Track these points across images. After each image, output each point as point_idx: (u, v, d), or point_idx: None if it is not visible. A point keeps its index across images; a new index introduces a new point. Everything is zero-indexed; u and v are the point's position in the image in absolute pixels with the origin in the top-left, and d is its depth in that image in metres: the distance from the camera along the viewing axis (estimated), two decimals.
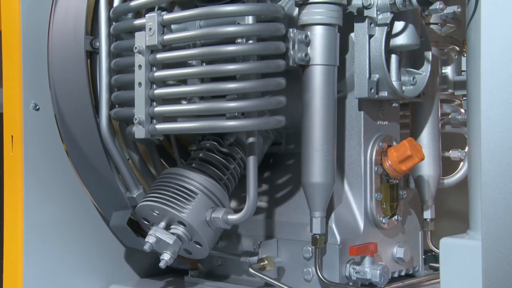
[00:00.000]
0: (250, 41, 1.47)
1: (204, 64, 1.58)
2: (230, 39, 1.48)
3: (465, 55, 1.95)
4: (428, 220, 1.92)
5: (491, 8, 1.22)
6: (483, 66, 1.23)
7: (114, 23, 1.69)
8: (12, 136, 1.69)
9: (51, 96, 1.73)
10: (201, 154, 1.72)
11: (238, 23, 1.57)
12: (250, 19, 1.46)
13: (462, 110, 2.06)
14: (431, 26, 1.91)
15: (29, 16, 1.70)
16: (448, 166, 2.05)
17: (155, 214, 1.62)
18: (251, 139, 1.52)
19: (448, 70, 2.03)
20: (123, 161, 1.71)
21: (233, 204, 1.85)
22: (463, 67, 2.03)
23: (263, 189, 1.84)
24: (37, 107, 1.71)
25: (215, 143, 1.72)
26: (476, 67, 1.30)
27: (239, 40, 1.49)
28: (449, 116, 2.07)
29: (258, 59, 1.49)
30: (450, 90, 2.04)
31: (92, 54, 1.73)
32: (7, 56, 1.71)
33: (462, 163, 2.06)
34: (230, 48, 1.44)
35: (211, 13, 1.47)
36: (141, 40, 1.55)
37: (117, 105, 1.70)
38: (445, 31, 1.99)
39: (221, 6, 1.45)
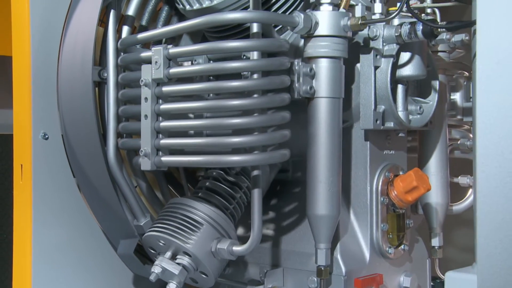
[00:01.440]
0: (255, 76, 1.47)
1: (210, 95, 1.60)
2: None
3: None
4: (436, 247, 1.92)
5: (487, 37, 1.19)
6: (477, 101, 1.21)
7: (122, 53, 1.71)
8: (21, 164, 1.72)
9: (60, 125, 1.75)
10: (207, 183, 1.73)
11: (244, 56, 1.59)
12: (255, 54, 1.47)
13: (471, 136, 2.06)
14: (439, 53, 1.91)
15: (39, 46, 1.72)
16: (457, 192, 2.05)
17: (161, 244, 1.63)
18: (255, 172, 1.53)
19: (456, 97, 2.02)
20: (130, 189, 1.73)
21: (240, 231, 1.86)
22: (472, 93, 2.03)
23: (270, 217, 1.85)
24: (46, 136, 1.73)
25: (222, 172, 1.73)
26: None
27: (244, 72, 1.50)
28: (458, 142, 2.06)
29: (263, 92, 1.50)
30: (459, 117, 2.03)
31: (100, 84, 1.75)
32: (17, 85, 1.74)
33: (471, 189, 2.05)
34: (235, 83, 1.45)
35: (217, 49, 1.49)
36: (147, 73, 1.56)
37: (124, 135, 1.72)
38: (454, 57, 1.98)
39: (226, 41, 1.46)
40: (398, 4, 1.56)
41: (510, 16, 1.11)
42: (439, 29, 1.55)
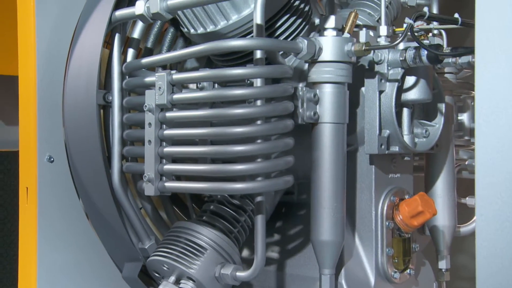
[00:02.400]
0: (258, 102, 1.47)
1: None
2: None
3: None
4: (443, 270, 1.90)
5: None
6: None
7: (127, 77, 1.71)
8: (27, 187, 1.72)
9: (65, 148, 1.75)
10: (212, 207, 1.73)
11: (248, 81, 1.58)
12: (258, 81, 1.47)
13: None
14: (446, 75, 1.89)
15: (45, 68, 1.73)
16: (465, 213, 2.03)
17: (165, 268, 1.63)
18: (259, 198, 1.52)
19: (464, 117, 2.01)
20: (135, 212, 1.73)
21: (246, 253, 1.86)
22: None
23: (275, 239, 1.84)
24: (52, 159, 1.74)
25: (226, 195, 1.73)
26: None
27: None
28: (466, 163, 2.05)
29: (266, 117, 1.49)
30: (466, 137, 2.02)
31: (105, 107, 1.76)
32: (23, 108, 1.74)
33: None
34: (238, 110, 1.45)
35: (220, 76, 1.48)
36: (151, 98, 1.57)
37: (129, 158, 1.72)
38: (461, 76, 1.97)
39: (230, 69, 1.46)
40: (405, 26, 1.55)
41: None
42: (444, 52, 1.53)
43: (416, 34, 1.80)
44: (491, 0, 1.10)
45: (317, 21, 1.77)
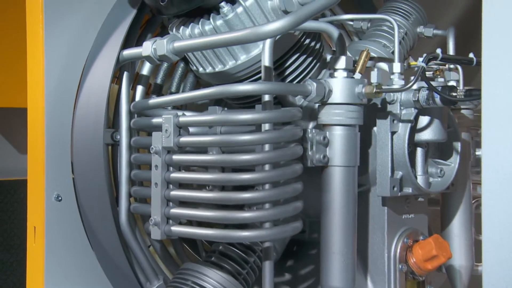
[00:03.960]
0: (266, 147, 1.44)
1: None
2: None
3: None
4: None
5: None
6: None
7: (135, 115, 1.70)
8: (34, 227, 1.71)
9: (73, 186, 1.73)
10: (220, 247, 1.70)
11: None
12: (266, 125, 1.44)
13: None
14: (462, 110, 1.84)
15: (53, 107, 1.71)
16: None
17: None
18: (267, 244, 1.49)
19: (481, 152, 1.95)
20: (142, 252, 1.71)
21: None
22: None
23: (286, 279, 1.81)
24: (59, 198, 1.72)
25: None
26: None
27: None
28: None
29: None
30: None
31: (114, 146, 1.74)
32: (31, 147, 1.73)
33: None
34: (246, 157, 1.41)
35: (228, 121, 1.46)
36: (157, 141, 1.54)
37: (137, 198, 1.70)
38: (478, 109, 1.91)
39: (237, 113, 1.43)
40: (420, 60, 1.49)
41: None
42: (457, 97, 1.49)
43: (431, 69, 1.77)
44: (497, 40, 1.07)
45: (329, 57, 1.73)
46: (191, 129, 1.57)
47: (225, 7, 1.50)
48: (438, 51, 1.49)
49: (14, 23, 1.86)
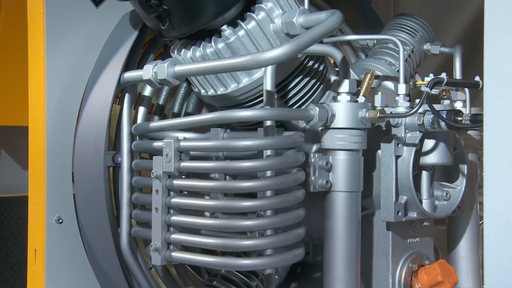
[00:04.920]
0: (269, 173, 1.42)
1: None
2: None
3: None
4: None
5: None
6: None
7: (137, 137, 1.68)
8: (35, 250, 1.69)
9: (75, 208, 1.72)
10: (222, 271, 1.68)
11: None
12: (268, 151, 1.41)
13: None
14: (470, 132, 1.81)
15: (54, 129, 1.69)
16: None
17: None
18: (268, 271, 1.46)
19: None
20: (144, 275, 1.69)
21: None
22: None
23: None
24: (60, 220, 1.71)
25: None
26: None
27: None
28: None
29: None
30: None
31: (115, 168, 1.72)
32: (32, 170, 1.71)
33: None
34: (248, 184, 1.39)
35: (229, 147, 1.44)
36: (158, 165, 1.52)
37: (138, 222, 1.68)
38: None
39: (239, 140, 1.41)
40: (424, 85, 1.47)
41: None
42: (463, 121, 1.46)
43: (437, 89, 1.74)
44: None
45: (333, 78, 1.71)
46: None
47: (226, 30, 1.48)
48: (443, 75, 1.47)
49: (18, 42, 1.85)
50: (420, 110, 1.54)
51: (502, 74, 1.08)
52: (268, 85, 1.43)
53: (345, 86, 1.49)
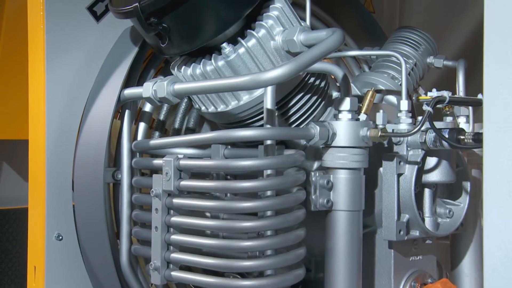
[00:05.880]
0: (268, 193, 1.40)
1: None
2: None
3: None
4: None
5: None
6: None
7: (137, 154, 1.67)
8: (35, 266, 1.68)
9: (75, 225, 1.71)
10: None
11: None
12: (268, 171, 1.40)
13: None
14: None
15: (54, 145, 1.68)
16: None
17: None
18: None
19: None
20: None
21: None
22: None
23: None
24: (60, 237, 1.70)
25: (238, 275, 1.66)
26: None
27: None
28: None
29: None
30: None
31: (115, 185, 1.71)
32: (32, 186, 1.71)
33: None
34: (248, 204, 1.38)
35: (229, 167, 1.42)
36: (158, 184, 1.51)
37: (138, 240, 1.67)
38: None
39: (238, 160, 1.40)
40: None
41: None
42: (465, 140, 1.44)
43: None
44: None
45: (334, 94, 1.70)
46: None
47: (226, 48, 1.47)
48: (445, 93, 1.45)
49: (20, 56, 1.84)
50: (423, 128, 1.53)
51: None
52: (268, 103, 1.42)
53: (346, 104, 1.47)
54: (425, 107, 1.40)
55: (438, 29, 2.54)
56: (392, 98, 1.84)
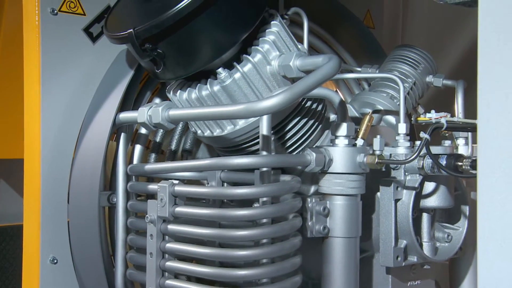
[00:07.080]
0: (264, 220, 1.39)
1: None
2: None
3: None
4: None
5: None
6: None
7: (133, 177, 1.66)
8: None
9: (70, 248, 1.69)
10: None
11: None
12: (264, 198, 1.39)
13: None
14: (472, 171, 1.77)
15: (50, 168, 1.67)
16: None
17: None
18: None
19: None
20: None
21: None
22: None
23: None
24: (55, 260, 1.68)
25: None
26: None
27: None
28: None
29: None
30: None
31: (111, 208, 1.70)
32: (27, 209, 1.69)
33: None
34: (243, 232, 1.36)
35: (224, 195, 1.41)
36: (153, 210, 1.50)
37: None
38: None
39: (234, 188, 1.38)
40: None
41: None
42: (463, 167, 1.43)
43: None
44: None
45: (332, 116, 1.68)
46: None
47: (222, 73, 1.45)
48: (443, 120, 1.43)
49: (17, 75, 1.83)
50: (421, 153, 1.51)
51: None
52: (264, 130, 1.41)
53: (343, 129, 1.46)
54: (422, 135, 1.38)
55: (439, 45, 2.53)
56: (391, 119, 1.83)
